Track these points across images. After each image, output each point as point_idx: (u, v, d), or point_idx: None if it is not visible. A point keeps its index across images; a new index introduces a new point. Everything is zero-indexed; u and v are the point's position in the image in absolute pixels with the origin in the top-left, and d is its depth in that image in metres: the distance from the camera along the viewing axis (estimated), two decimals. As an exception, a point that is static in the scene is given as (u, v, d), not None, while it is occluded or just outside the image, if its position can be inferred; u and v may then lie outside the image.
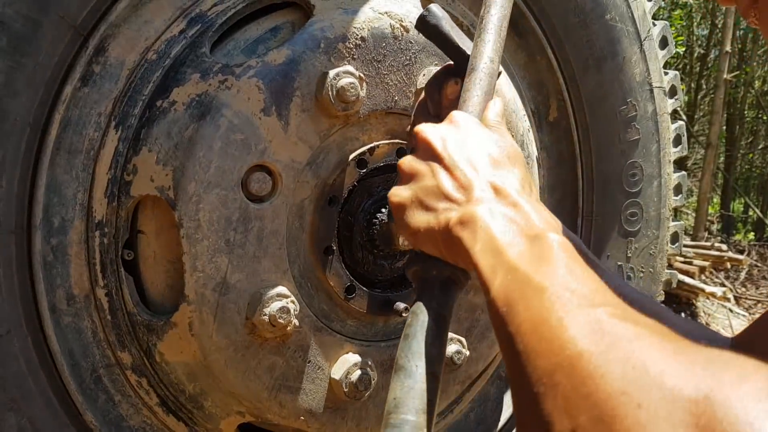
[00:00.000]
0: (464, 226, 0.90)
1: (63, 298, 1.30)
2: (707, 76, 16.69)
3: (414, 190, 1.02)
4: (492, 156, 1.00)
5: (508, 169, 0.99)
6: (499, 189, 0.94)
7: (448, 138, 1.02)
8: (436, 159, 1.01)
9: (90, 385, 1.35)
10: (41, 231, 1.26)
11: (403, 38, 1.47)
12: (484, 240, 0.86)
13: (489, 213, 0.89)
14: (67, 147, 1.28)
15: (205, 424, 1.46)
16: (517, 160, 1.02)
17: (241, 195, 1.34)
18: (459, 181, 0.97)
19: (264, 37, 1.44)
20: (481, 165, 0.98)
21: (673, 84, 2.06)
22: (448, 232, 0.93)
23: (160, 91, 1.34)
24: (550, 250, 0.79)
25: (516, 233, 0.85)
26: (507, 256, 0.81)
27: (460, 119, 1.06)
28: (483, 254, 0.85)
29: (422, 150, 1.05)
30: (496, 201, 0.92)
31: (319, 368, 1.47)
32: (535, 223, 0.88)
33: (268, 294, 1.35)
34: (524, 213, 0.90)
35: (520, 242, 0.83)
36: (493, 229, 0.86)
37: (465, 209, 0.92)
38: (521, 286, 0.75)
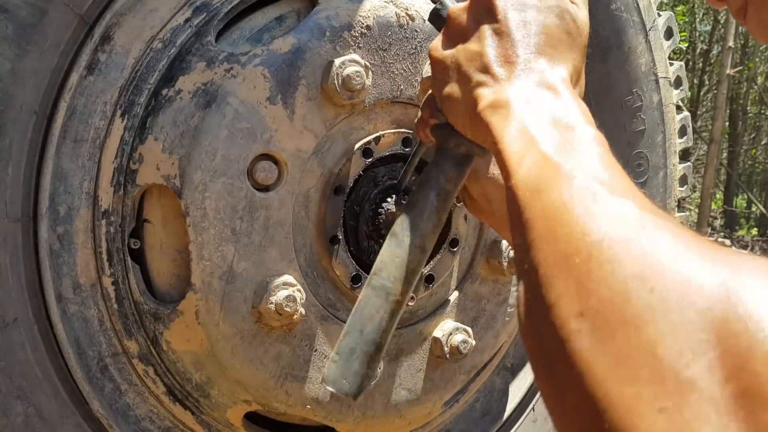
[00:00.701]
0: (495, 109, 0.83)
1: (69, 286, 1.31)
2: (710, 72, 16.66)
3: (456, 49, 0.92)
4: (552, 30, 0.88)
5: (563, 51, 0.88)
6: (544, 73, 0.85)
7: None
8: (490, 17, 0.90)
9: (96, 374, 1.35)
10: (47, 219, 1.26)
11: (409, 27, 1.47)
12: (515, 127, 0.79)
13: (525, 100, 0.81)
14: (73, 135, 1.28)
15: (212, 412, 1.46)
16: (578, 39, 0.90)
17: (247, 184, 1.34)
18: (505, 51, 0.87)
19: (269, 26, 1.44)
20: (536, 37, 0.87)
21: (678, 75, 2.06)
22: (477, 113, 0.86)
23: (165, 79, 1.34)
24: (584, 140, 0.74)
25: (550, 122, 0.78)
26: (537, 146, 0.75)
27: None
28: (511, 140, 0.78)
29: (478, 3, 0.92)
30: (537, 86, 0.83)
31: (325, 357, 1.47)
32: (570, 113, 0.80)
33: (275, 283, 1.36)
34: (563, 102, 0.81)
35: (553, 131, 0.76)
36: (526, 117, 0.79)
37: (501, 90, 0.84)
38: (549, 173, 0.70)
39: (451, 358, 1.61)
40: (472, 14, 0.93)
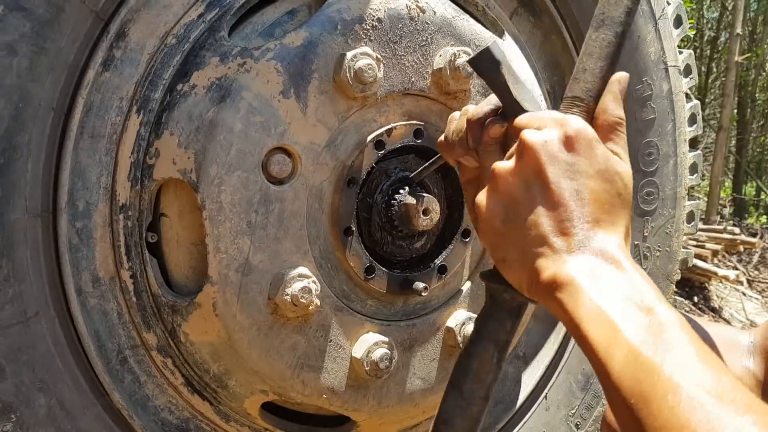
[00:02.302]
0: (561, 287, 0.82)
1: (89, 280, 1.33)
2: (718, 59, 16.57)
3: (507, 216, 0.91)
4: (603, 196, 0.88)
5: (616, 213, 0.88)
6: (602, 242, 0.84)
7: (559, 158, 0.88)
8: (540, 184, 0.88)
9: (116, 366, 1.37)
10: (66, 214, 1.28)
11: (419, 19, 1.48)
12: (588, 308, 0.79)
13: (591, 277, 0.81)
14: (90, 131, 1.30)
15: (230, 402, 1.48)
16: (627, 198, 0.90)
17: (261, 177, 1.35)
18: (561, 224, 0.86)
19: (281, 20, 1.45)
20: (589, 207, 0.86)
21: (687, 63, 2.06)
22: (540, 287, 0.85)
23: (180, 74, 1.35)
24: (671, 331, 0.74)
25: (626, 304, 0.78)
26: (622, 335, 0.75)
27: (576, 135, 0.90)
28: (591, 325, 0.78)
29: (527, 166, 0.90)
30: (598, 259, 0.83)
31: (340, 347, 1.49)
32: (643, 290, 0.80)
33: (290, 274, 1.37)
34: (629, 277, 0.81)
35: (634, 316, 0.76)
36: (596, 297, 0.79)
37: (562, 264, 0.84)
38: (650, 379, 0.71)
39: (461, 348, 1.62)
40: (522, 178, 0.91)
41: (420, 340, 1.60)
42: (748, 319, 6.31)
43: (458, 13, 1.55)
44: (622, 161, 0.92)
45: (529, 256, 0.87)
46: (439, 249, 1.62)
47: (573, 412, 2.01)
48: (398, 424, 1.70)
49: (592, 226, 0.85)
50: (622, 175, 0.90)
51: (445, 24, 1.51)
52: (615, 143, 0.93)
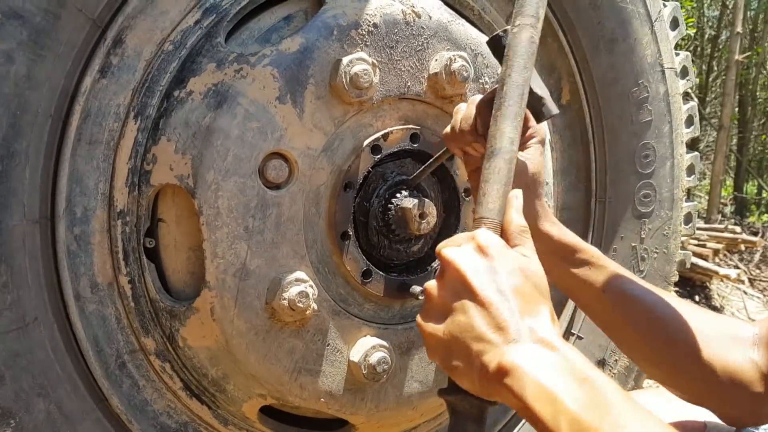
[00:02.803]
0: (507, 375, 0.90)
1: (87, 285, 1.33)
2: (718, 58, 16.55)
3: (446, 325, 1.00)
4: (523, 289, 0.98)
5: (538, 302, 0.97)
6: (534, 330, 0.94)
7: (479, 268, 0.99)
8: (467, 290, 0.98)
9: (115, 371, 1.38)
10: (64, 220, 1.29)
11: (415, 24, 1.48)
12: (533, 390, 0.87)
13: (532, 360, 0.90)
14: (88, 138, 1.31)
15: (228, 406, 1.49)
16: (543, 288, 1.01)
17: (258, 182, 1.36)
18: (494, 320, 0.95)
19: (277, 26, 1.46)
20: (513, 301, 0.96)
21: (684, 65, 2.06)
22: (489, 379, 0.93)
23: (177, 81, 1.36)
24: (606, 394, 0.85)
25: (564, 378, 0.87)
26: (564, 405, 0.85)
27: (487, 244, 1.01)
28: (537, 403, 0.87)
29: (451, 279, 1.01)
30: (535, 345, 0.92)
31: (338, 351, 1.49)
32: (576, 364, 0.90)
33: (287, 279, 1.38)
34: (563, 355, 0.91)
35: (572, 388, 0.86)
36: (540, 377, 0.88)
37: (504, 354, 0.92)
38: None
39: (461, 350, 1.63)
40: (449, 290, 1.01)
41: (417, 343, 1.61)
42: (749, 318, 6.31)
43: (454, 18, 1.56)
44: (532, 260, 1.04)
45: (474, 356, 0.95)
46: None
47: (571, 414, 2.02)
48: (396, 427, 1.70)
49: (521, 316, 0.95)
50: (534, 271, 1.01)
51: (441, 29, 1.52)
52: (523, 246, 1.05)
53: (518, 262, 1.01)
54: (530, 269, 1.01)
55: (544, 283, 1.02)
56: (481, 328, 0.95)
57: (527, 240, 1.07)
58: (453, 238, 1.08)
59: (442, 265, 1.03)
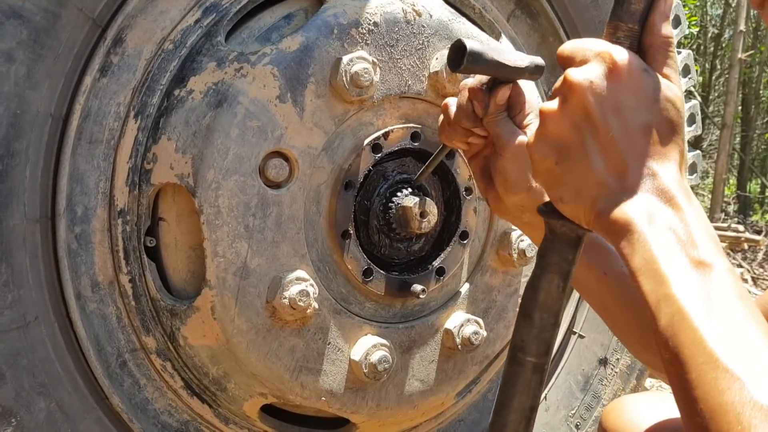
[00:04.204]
0: (618, 229, 0.83)
1: (88, 285, 1.34)
2: (721, 56, 16.52)
3: (561, 157, 0.90)
4: (656, 125, 0.86)
5: (668, 145, 0.86)
6: (657, 179, 0.83)
7: (605, 96, 0.86)
8: (589, 124, 0.87)
9: (116, 370, 1.38)
10: (65, 220, 1.29)
11: (416, 22, 1.48)
12: (642, 257, 0.79)
13: (647, 218, 0.81)
14: (88, 137, 1.31)
15: (229, 405, 1.49)
16: (680, 123, 0.88)
17: (258, 181, 1.36)
18: (613, 162, 0.85)
19: (278, 25, 1.46)
20: (641, 141, 0.85)
21: (686, 63, 2.06)
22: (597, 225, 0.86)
23: (177, 80, 1.36)
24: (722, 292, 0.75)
25: (679, 254, 0.78)
26: (671, 291, 0.76)
27: (622, 67, 0.87)
28: (642, 275, 0.79)
29: (574, 107, 0.88)
30: (654, 199, 0.82)
31: (338, 350, 1.49)
32: (698, 240, 0.79)
33: (288, 278, 1.38)
34: (685, 222, 0.80)
35: (685, 270, 0.77)
36: (652, 245, 0.79)
37: (617, 203, 0.83)
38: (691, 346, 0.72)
39: (462, 349, 1.63)
40: (569, 120, 0.89)
41: (418, 342, 1.61)
42: (752, 317, 6.28)
43: (455, 16, 1.56)
44: (673, 84, 0.89)
45: (584, 195, 0.87)
46: (437, 251, 1.62)
47: (573, 413, 2.02)
48: (397, 426, 1.70)
49: (646, 161, 0.84)
50: (673, 101, 0.88)
51: (442, 27, 1.52)
52: (665, 65, 0.90)
53: (656, 91, 0.87)
54: (668, 98, 0.87)
55: (680, 116, 0.88)
56: (597, 169, 0.86)
57: (671, 56, 0.91)
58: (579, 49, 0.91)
59: (563, 86, 0.90)
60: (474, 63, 1.11)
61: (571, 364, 2.00)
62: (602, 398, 2.04)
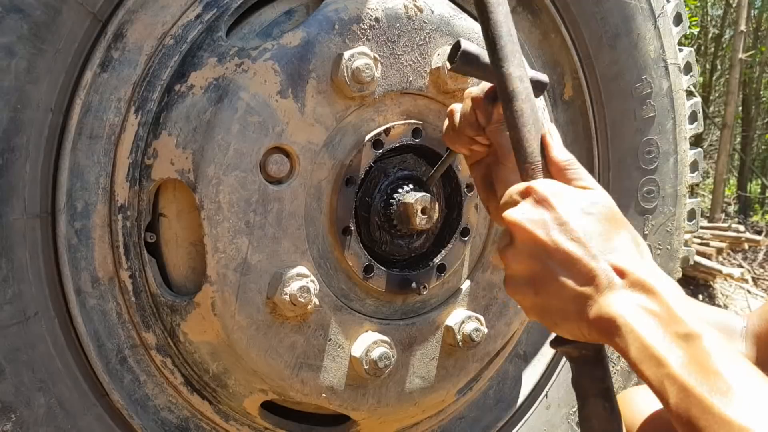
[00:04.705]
0: (610, 328, 0.89)
1: (88, 280, 1.33)
2: (722, 57, 16.51)
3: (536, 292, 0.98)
4: (597, 228, 0.95)
5: (617, 236, 0.95)
6: (622, 270, 0.91)
7: (547, 224, 0.96)
8: (542, 250, 0.96)
9: (116, 366, 1.38)
10: (65, 215, 1.29)
11: (417, 18, 1.48)
12: (636, 347, 0.86)
13: (629, 311, 0.88)
14: (89, 132, 1.30)
15: (229, 402, 1.48)
16: (614, 216, 0.98)
17: (259, 177, 1.36)
18: (581, 273, 0.93)
19: (279, 20, 1.46)
20: (591, 244, 0.94)
21: (687, 60, 2.05)
22: (593, 333, 0.92)
23: (178, 75, 1.35)
24: (714, 358, 0.82)
25: (667, 335, 0.85)
26: (671, 369, 0.82)
27: (545, 194, 0.98)
28: (641, 363, 0.85)
29: (524, 242, 0.98)
30: (629, 292, 0.90)
31: (339, 346, 1.49)
32: (680, 315, 0.86)
33: (288, 274, 1.37)
34: (663, 303, 0.88)
35: (676, 348, 0.84)
36: (641, 334, 0.86)
37: (601, 308, 0.90)
38: (704, 416, 0.78)
39: (463, 346, 1.63)
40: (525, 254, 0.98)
41: (419, 339, 1.60)
42: (752, 317, 6.28)
43: (456, 12, 1.55)
44: (592, 189, 1.01)
45: (571, 313, 0.94)
46: (438, 248, 1.62)
47: (574, 411, 2.01)
48: (398, 423, 1.70)
49: (606, 259, 0.92)
50: (599, 201, 0.98)
51: (443, 23, 1.52)
52: (575, 179, 1.02)
53: (581, 199, 0.98)
54: (594, 202, 0.98)
55: (613, 211, 0.99)
56: (570, 285, 0.93)
57: (577, 169, 1.04)
58: (508, 194, 1.04)
59: (508, 229, 1.01)
60: (467, 63, 1.17)
61: (572, 362, 2.00)
62: (603, 396, 2.04)
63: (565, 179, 1.02)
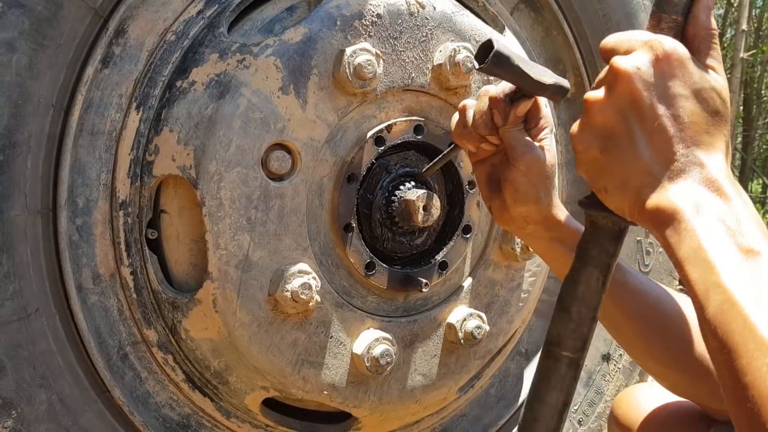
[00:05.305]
0: (665, 218, 0.82)
1: (89, 277, 1.33)
2: (723, 56, 16.50)
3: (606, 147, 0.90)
4: (703, 115, 0.86)
5: (715, 134, 0.86)
6: (704, 168, 0.83)
7: (652, 83, 0.86)
8: (636, 112, 0.87)
9: (117, 363, 1.38)
10: (66, 211, 1.28)
11: (419, 14, 1.47)
12: (690, 246, 0.79)
13: (694, 208, 0.81)
14: (90, 128, 1.30)
15: (230, 399, 1.48)
16: (725, 113, 0.88)
17: (261, 173, 1.35)
18: (660, 150, 0.85)
19: (280, 16, 1.45)
20: (688, 130, 0.85)
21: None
22: (643, 215, 0.86)
23: (179, 71, 1.35)
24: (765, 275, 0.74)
25: (727, 243, 0.77)
26: (720, 279, 0.75)
27: (669, 56, 0.87)
28: (690, 264, 0.79)
29: (621, 95, 0.88)
30: (702, 188, 0.82)
31: (341, 343, 1.49)
32: (746, 228, 0.79)
33: (290, 270, 1.37)
34: (734, 211, 0.80)
35: (734, 258, 0.76)
36: (699, 234, 0.79)
37: (664, 192, 0.84)
38: (743, 332, 0.71)
39: (465, 344, 1.62)
40: (616, 108, 0.89)
41: (421, 336, 1.60)
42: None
43: (458, 9, 1.55)
44: (718, 75, 0.90)
45: (630, 185, 0.87)
46: (440, 245, 1.62)
47: (575, 409, 2.01)
48: (399, 421, 1.69)
49: (693, 150, 0.84)
50: (719, 90, 0.88)
51: (445, 19, 1.51)
52: (709, 56, 0.90)
53: (702, 80, 0.87)
54: (714, 88, 0.88)
55: (726, 107, 0.89)
56: (643, 157, 0.86)
57: (715, 47, 0.91)
58: (625, 39, 0.91)
59: (609, 74, 0.90)
60: (498, 65, 1.09)
61: (574, 360, 1.99)
62: (605, 394, 2.04)
63: (698, 49, 0.90)
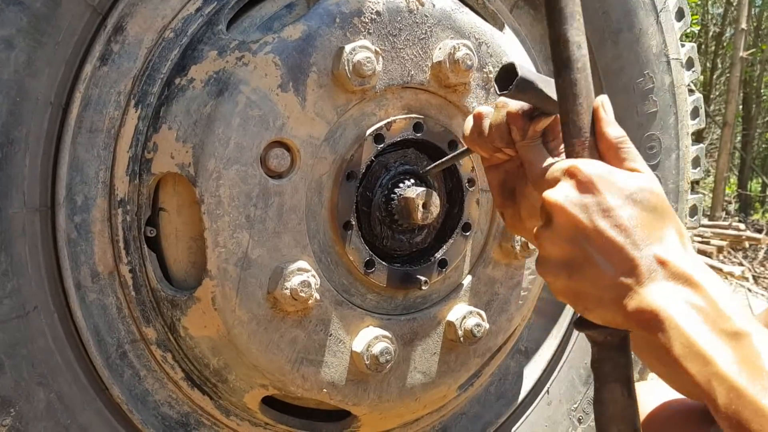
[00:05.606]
0: (650, 321, 0.86)
1: (88, 275, 1.32)
2: (723, 55, 16.52)
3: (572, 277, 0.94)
4: (642, 216, 0.90)
5: (661, 226, 0.90)
6: (666, 263, 0.87)
7: (590, 208, 0.91)
8: (582, 236, 0.91)
9: (116, 361, 1.37)
10: (65, 209, 1.28)
11: (419, 12, 1.47)
12: (680, 343, 0.82)
13: (672, 304, 0.84)
14: (88, 126, 1.30)
15: (230, 397, 1.48)
16: (662, 207, 0.92)
17: (260, 171, 1.35)
18: (619, 262, 0.89)
19: (279, 14, 1.45)
20: (635, 233, 0.89)
21: (690, 56, 2.05)
22: (629, 322, 0.89)
23: (178, 69, 1.35)
24: (761, 357, 0.79)
25: (713, 331, 0.82)
26: (717, 368, 0.79)
27: (589, 177, 0.92)
28: (686, 360, 0.82)
29: (562, 226, 0.93)
30: (672, 284, 0.86)
31: (340, 341, 1.48)
32: (727, 312, 0.83)
33: (289, 268, 1.37)
34: (707, 296, 0.84)
35: (724, 346, 0.81)
36: (685, 329, 0.82)
37: (642, 299, 0.87)
38: (756, 417, 0.76)
39: (465, 342, 1.62)
40: (563, 238, 0.93)
41: (421, 334, 1.60)
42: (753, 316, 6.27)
43: (458, 6, 1.54)
44: (642, 173, 0.94)
45: (605, 300, 0.90)
46: (440, 243, 1.61)
47: (575, 407, 2.01)
48: (399, 419, 1.69)
49: (648, 249, 0.88)
50: (648, 188, 0.92)
51: (445, 17, 1.51)
52: (626, 160, 0.95)
53: (629, 184, 0.91)
54: (644, 187, 0.92)
55: (661, 199, 0.92)
56: (609, 273, 0.89)
57: (629, 149, 0.96)
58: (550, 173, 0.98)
59: (547, 211, 0.95)
60: (521, 91, 1.08)
61: (574, 358, 1.99)
62: (605, 392, 2.03)
63: (614, 159, 0.96)
